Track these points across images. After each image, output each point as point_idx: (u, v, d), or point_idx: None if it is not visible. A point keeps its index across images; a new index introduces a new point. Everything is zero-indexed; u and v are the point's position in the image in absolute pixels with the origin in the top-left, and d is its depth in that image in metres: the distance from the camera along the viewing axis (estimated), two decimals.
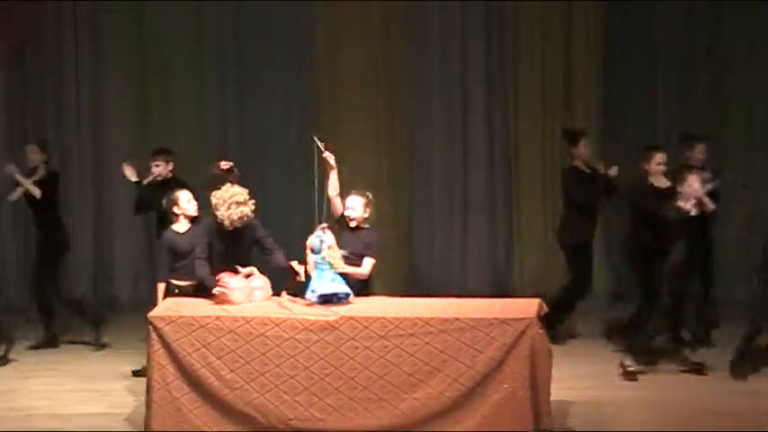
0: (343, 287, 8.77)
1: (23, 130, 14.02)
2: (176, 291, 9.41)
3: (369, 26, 13.79)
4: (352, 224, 9.28)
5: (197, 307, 8.83)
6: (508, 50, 13.74)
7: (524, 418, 8.30)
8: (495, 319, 8.38)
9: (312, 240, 8.87)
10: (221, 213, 8.99)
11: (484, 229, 14.03)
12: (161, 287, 9.48)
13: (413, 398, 8.40)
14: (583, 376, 10.27)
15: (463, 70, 13.87)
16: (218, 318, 8.59)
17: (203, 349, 8.55)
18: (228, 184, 9.15)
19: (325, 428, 8.47)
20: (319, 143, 9.22)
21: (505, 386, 8.32)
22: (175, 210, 9.62)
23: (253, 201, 9.12)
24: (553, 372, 8.53)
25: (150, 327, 8.61)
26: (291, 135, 13.95)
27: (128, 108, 14.06)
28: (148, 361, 8.63)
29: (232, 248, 9.18)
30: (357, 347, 8.44)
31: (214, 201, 9.04)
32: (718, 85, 13.52)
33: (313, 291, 8.74)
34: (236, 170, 9.43)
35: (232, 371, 8.53)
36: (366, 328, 8.44)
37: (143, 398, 8.76)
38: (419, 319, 8.44)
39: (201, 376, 8.55)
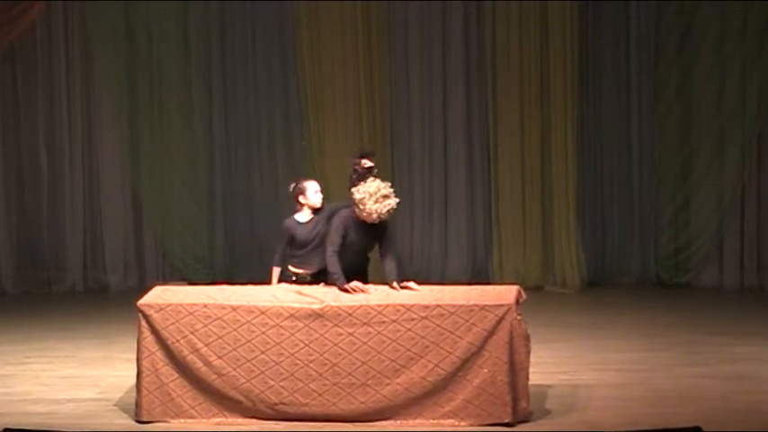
0: None
1: (17, 129, 14.25)
2: (293, 278, 9.28)
3: (350, 27, 13.87)
4: None
5: (185, 295, 8.88)
6: (486, 50, 13.82)
7: (503, 402, 8.39)
8: (475, 305, 8.44)
9: None
10: (368, 207, 8.74)
11: (463, 220, 14.19)
12: (275, 271, 9.30)
13: (395, 383, 8.47)
14: (560, 361, 10.35)
15: (443, 69, 14.00)
16: (205, 305, 8.64)
17: (191, 336, 8.61)
18: (371, 179, 8.91)
19: (310, 413, 8.55)
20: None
21: (485, 371, 8.40)
22: (301, 199, 9.30)
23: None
24: (531, 357, 8.64)
25: (139, 314, 8.66)
26: (275, 134, 14.18)
27: (117, 105, 14.16)
28: (138, 347, 8.68)
29: (363, 242, 9.02)
30: (341, 334, 8.50)
31: (359, 195, 8.77)
32: (687, 79, 13.65)
33: None
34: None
35: (219, 357, 8.59)
36: (350, 315, 8.50)
37: (134, 383, 8.84)
38: (401, 305, 8.49)
39: (190, 362, 8.62)
